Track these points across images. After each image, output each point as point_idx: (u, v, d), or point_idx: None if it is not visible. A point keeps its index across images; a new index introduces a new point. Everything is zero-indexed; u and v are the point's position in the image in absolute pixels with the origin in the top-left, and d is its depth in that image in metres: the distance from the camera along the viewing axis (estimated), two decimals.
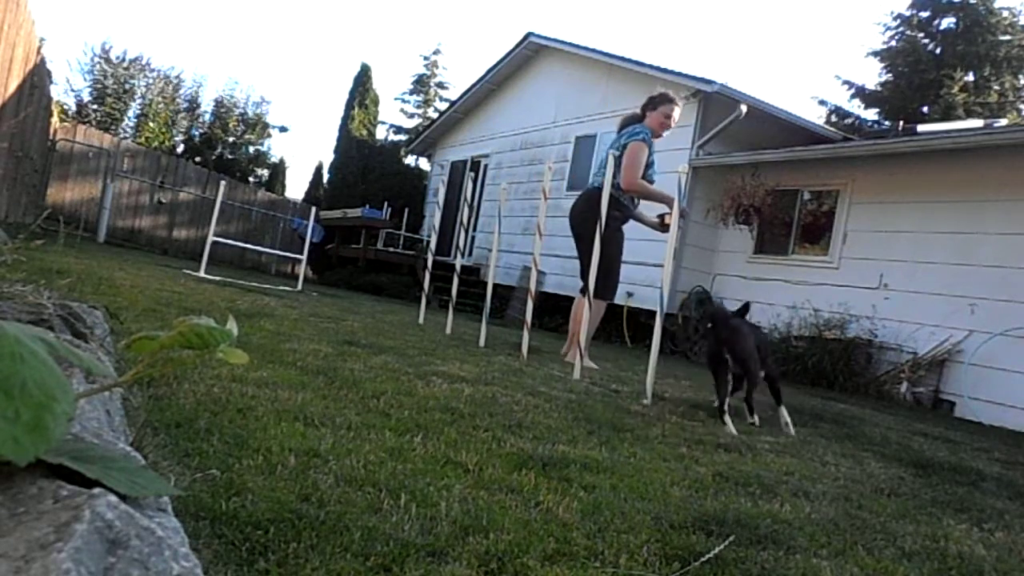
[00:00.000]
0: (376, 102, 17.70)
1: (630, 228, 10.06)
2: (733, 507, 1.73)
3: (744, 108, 8.46)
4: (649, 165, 4.84)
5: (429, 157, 16.01)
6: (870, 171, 7.79)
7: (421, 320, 6.49)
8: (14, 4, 5.38)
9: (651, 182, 4.88)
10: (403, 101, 23.18)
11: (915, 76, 16.82)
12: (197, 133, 17.47)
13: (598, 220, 4.33)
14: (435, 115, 18.28)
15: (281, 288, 8.64)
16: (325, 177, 17.44)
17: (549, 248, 10.14)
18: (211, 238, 8.83)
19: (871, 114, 18.07)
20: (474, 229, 13.06)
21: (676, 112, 4.90)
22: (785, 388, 3.61)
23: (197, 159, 16.14)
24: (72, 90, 16.32)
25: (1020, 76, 16.84)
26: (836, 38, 53.38)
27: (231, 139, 17.83)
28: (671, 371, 5.54)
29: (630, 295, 9.31)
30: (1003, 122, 12.66)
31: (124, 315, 2.73)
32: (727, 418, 3.06)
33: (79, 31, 40.38)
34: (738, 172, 8.64)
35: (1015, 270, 6.30)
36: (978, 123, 10.16)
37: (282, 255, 13.40)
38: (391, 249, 14.14)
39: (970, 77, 16.62)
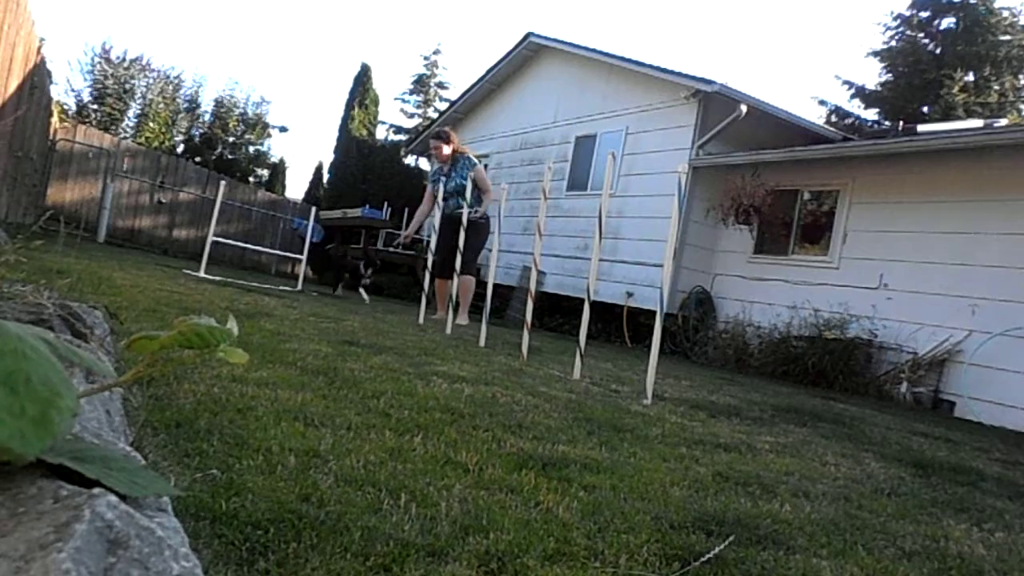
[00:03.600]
0: (376, 102, 17.70)
1: (629, 227, 10.15)
2: (733, 507, 1.73)
3: (744, 108, 8.46)
4: (446, 184, 6.84)
5: (429, 157, 16.00)
6: (870, 171, 7.79)
7: (421, 320, 6.49)
8: (14, 4, 5.37)
9: (450, 190, 6.86)
10: (403, 101, 23.20)
11: (915, 76, 16.82)
12: (197, 133, 17.47)
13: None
14: (435, 115, 18.28)
15: (281, 288, 8.64)
16: (325, 177, 17.44)
17: (549, 248, 10.15)
18: (211, 238, 8.83)
19: (871, 114, 18.08)
20: None
21: (439, 143, 6.92)
22: (785, 388, 3.61)
23: (197, 159, 16.14)
24: (72, 90, 16.35)
25: (1020, 76, 16.84)
26: (836, 38, 53.38)
27: (231, 139, 17.83)
28: (671, 371, 5.54)
29: (630, 295, 9.31)
30: (1003, 122, 12.65)
31: (124, 315, 2.73)
32: None
33: (79, 31, 40.41)
34: (738, 172, 8.64)
35: (1015, 270, 6.30)
36: (978, 123, 10.16)
37: (282, 255, 13.40)
38: (391, 249, 14.14)
39: (970, 77, 16.62)
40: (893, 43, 17.75)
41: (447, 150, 6.86)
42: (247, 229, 14.41)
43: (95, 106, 15.66)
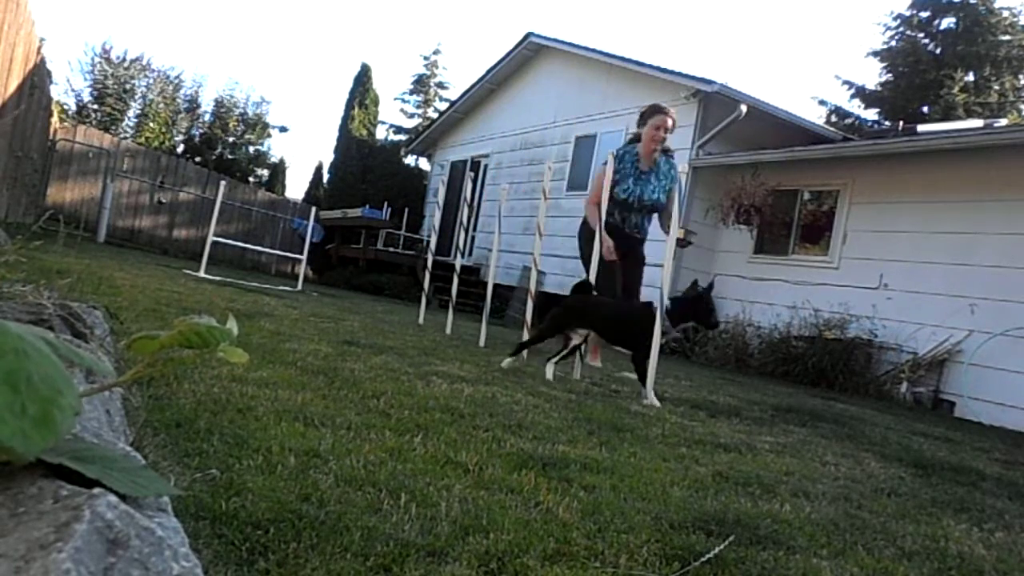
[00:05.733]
0: (376, 102, 17.71)
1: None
2: (733, 507, 1.73)
3: (744, 108, 8.46)
4: (617, 183, 4.61)
5: (429, 157, 16.01)
6: (870, 171, 7.79)
7: (421, 320, 6.49)
8: (14, 4, 5.37)
9: (623, 199, 4.67)
10: (403, 101, 23.22)
11: (915, 76, 16.83)
12: (197, 133, 17.47)
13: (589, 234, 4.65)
14: (435, 115, 18.28)
15: (281, 288, 8.64)
16: (325, 177, 17.45)
17: (549, 248, 10.14)
18: (211, 238, 8.83)
19: (871, 114, 18.09)
20: (474, 229, 13.06)
21: (667, 121, 4.60)
22: (785, 388, 3.61)
23: (197, 159, 16.14)
24: (72, 90, 16.35)
25: (1020, 76, 16.85)
26: (836, 38, 53.38)
27: (231, 139, 17.83)
28: (671, 371, 5.54)
29: None
30: (1003, 122, 12.66)
31: (124, 315, 2.73)
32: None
33: (79, 31, 40.42)
34: (738, 172, 8.63)
35: (1015, 270, 6.30)
36: (978, 123, 10.16)
37: (282, 255, 13.40)
38: (391, 249, 14.15)
39: (970, 77, 16.63)
40: (893, 43, 17.76)
41: (668, 139, 4.67)
42: (247, 229, 14.41)
43: (95, 106, 15.67)
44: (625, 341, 3.91)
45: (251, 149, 18.28)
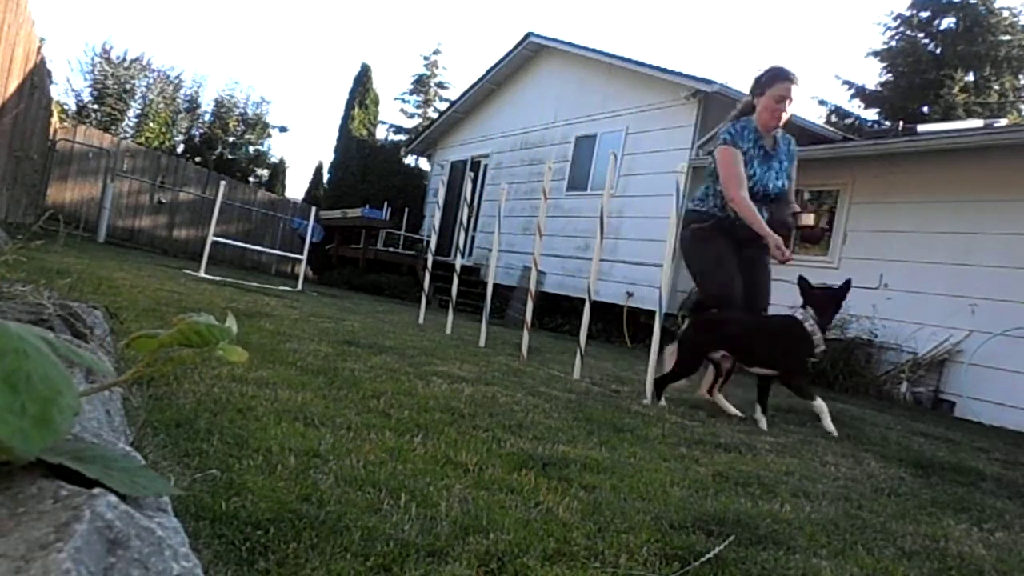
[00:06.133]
0: (376, 102, 17.70)
1: (629, 227, 9.88)
2: (733, 507, 1.73)
3: None
4: (752, 172, 3.57)
5: (429, 157, 16.01)
6: (870, 171, 7.78)
7: (421, 320, 6.49)
8: (14, 4, 5.37)
9: (757, 194, 3.58)
10: (403, 101, 23.23)
11: (915, 76, 16.82)
12: (197, 133, 17.47)
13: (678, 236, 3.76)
14: (435, 115, 18.28)
15: (281, 288, 8.64)
16: (325, 177, 17.44)
17: (549, 248, 10.14)
18: (211, 238, 8.83)
19: (871, 114, 18.08)
20: (474, 229, 13.06)
21: (791, 90, 3.57)
22: (785, 388, 3.61)
23: (197, 159, 16.14)
24: (72, 90, 16.34)
25: (1020, 76, 16.83)
26: (836, 38, 53.38)
27: (231, 139, 17.84)
28: None
29: (630, 295, 9.31)
30: (1003, 122, 12.65)
31: (124, 315, 2.73)
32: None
33: (79, 31, 40.40)
34: None
35: (1015, 270, 6.30)
36: (978, 123, 10.15)
37: (282, 255, 13.40)
38: (391, 249, 14.14)
39: (970, 77, 16.62)
40: (893, 43, 17.75)
41: (789, 111, 3.65)
42: (247, 229, 14.41)
43: (95, 106, 15.66)
44: (772, 361, 3.36)
45: (251, 149, 18.28)
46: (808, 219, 3.29)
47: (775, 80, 3.60)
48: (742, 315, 3.53)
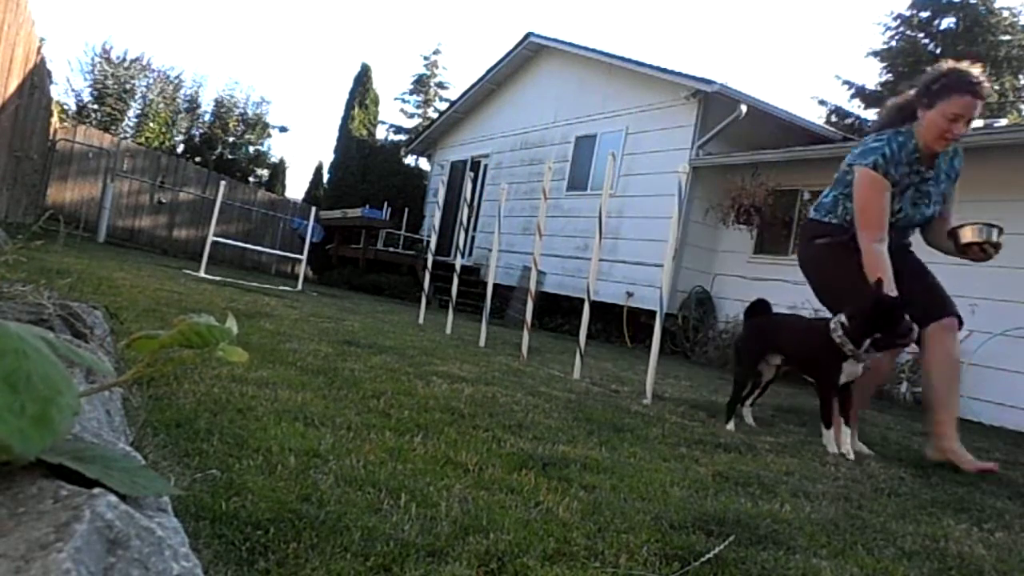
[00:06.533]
0: (376, 102, 17.70)
1: (629, 227, 9.84)
2: (733, 507, 1.73)
3: (744, 108, 8.46)
4: (898, 207, 3.03)
5: (429, 157, 16.01)
6: None
7: (421, 320, 6.49)
8: (14, 4, 5.37)
9: (897, 223, 3.06)
10: (403, 101, 23.25)
11: (915, 76, 16.82)
12: (197, 133, 17.47)
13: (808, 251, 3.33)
14: (435, 115, 18.28)
15: (281, 288, 8.64)
16: (325, 177, 17.44)
17: (549, 248, 10.14)
18: (211, 238, 8.83)
19: (871, 114, 18.07)
20: (474, 229, 13.06)
21: (973, 108, 2.82)
22: (784, 388, 3.61)
23: (197, 159, 16.14)
24: (72, 90, 16.34)
25: (1020, 76, 16.84)
26: (836, 38, 53.37)
27: (231, 139, 17.84)
28: (671, 371, 5.54)
29: (630, 295, 9.31)
30: (1003, 122, 12.65)
31: (124, 315, 2.73)
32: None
33: (79, 31, 40.41)
34: (738, 172, 8.63)
35: (1015, 270, 6.30)
36: (978, 123, 10.16)
37: (282, 255, 13.41)
38: (391, 249, 14.15)
39: None
40: (893, 43, 17.76)
41: (964, 130, 2.90)
42: (247, 229, 14.41)
43: (95, 106, 15.66)
44: (810, 368, 3.10)
45: (251, 149, 18.28)
46: (970, 234, 2.74)
47: (951, 92, 2.79)
48: (791, 318, 3.54)
